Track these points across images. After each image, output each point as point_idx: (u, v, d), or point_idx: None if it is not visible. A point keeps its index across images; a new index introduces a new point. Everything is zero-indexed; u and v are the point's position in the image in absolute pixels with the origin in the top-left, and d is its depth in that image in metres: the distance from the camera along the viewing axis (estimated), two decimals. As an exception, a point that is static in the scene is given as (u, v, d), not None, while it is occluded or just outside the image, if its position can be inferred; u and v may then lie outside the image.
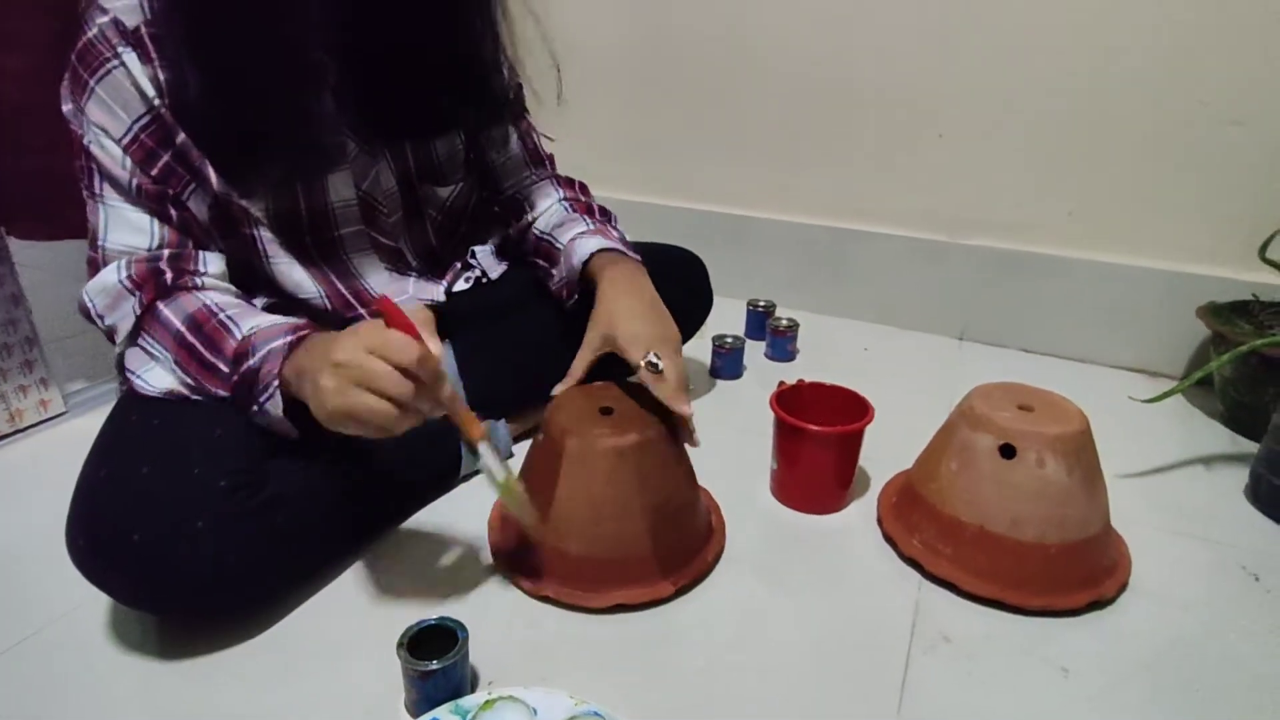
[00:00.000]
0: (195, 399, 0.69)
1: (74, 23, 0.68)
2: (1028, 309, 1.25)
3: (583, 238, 0.87)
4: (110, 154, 0.68)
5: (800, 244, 1.37)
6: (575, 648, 0.65)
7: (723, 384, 1.14)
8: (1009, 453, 0.70)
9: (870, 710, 0.60)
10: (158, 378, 0.69)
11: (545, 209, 0.96)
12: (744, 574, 0.74)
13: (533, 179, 0.97)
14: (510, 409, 0.92)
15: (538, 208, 0.96)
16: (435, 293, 0.88)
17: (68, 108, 0.69)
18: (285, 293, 0.79)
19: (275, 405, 0.63)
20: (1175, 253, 1.14)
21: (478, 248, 0.98)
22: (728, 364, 1.15)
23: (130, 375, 0.70)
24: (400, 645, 0.57)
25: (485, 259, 0.97)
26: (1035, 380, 0.78)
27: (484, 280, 0.96)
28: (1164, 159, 1.11)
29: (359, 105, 0.77)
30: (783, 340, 1.21)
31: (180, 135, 0.69)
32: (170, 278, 0.69)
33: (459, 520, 0.80)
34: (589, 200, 0.98)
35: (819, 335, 1.28)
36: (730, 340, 1.15)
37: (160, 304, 0.69)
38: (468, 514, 0.81)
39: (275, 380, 0.62)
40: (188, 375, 0.68)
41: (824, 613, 0.69)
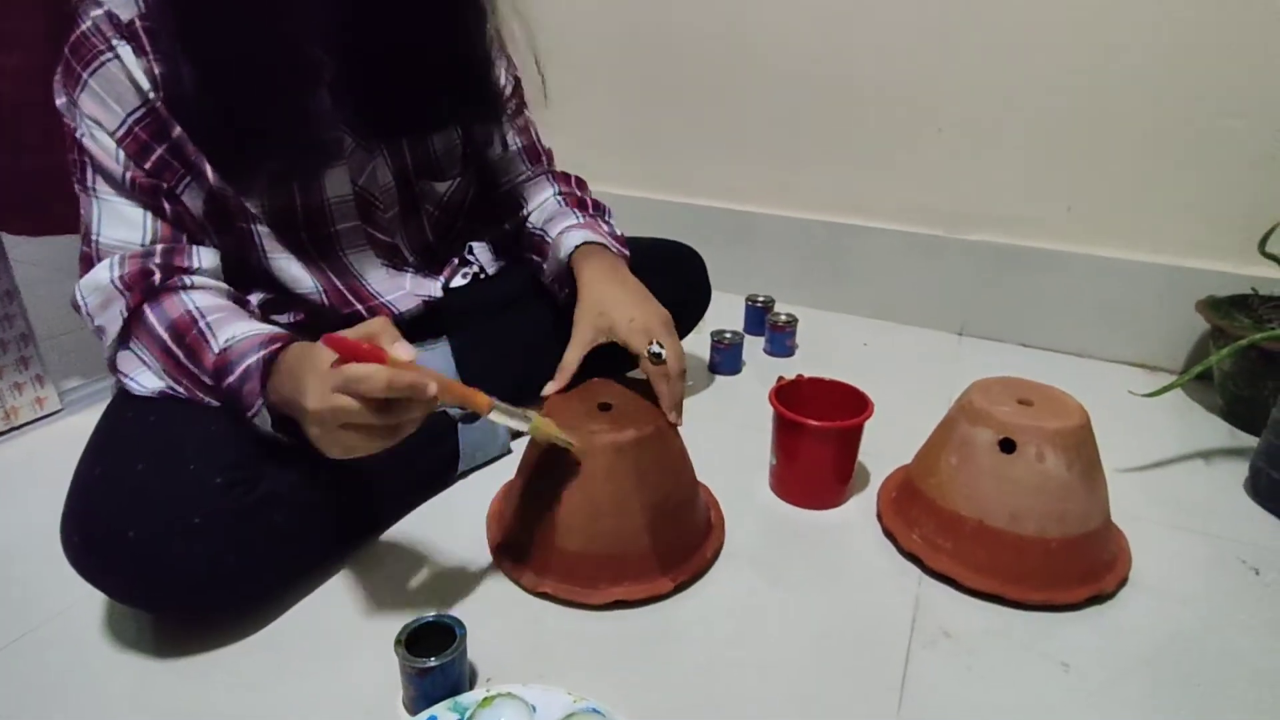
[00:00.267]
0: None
1: (68, 18, 0.67)
2: (1027, 304, 1.25)
3: (570, 231, 0.87)
4: (103, 147, 0.67)
5: (799, 239, 1.37)
6: (574, 644, 0.65)
7: (721, 379, 1.14)
8: (1009, 447, 0.70)
9: (870, 706, 0.60)
10: (149, 379, 0.69)
11: (540, 204, 0.96)
12: (743, 570, 0.74)
13: (530, 174, 0.97)
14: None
15: (533, 203, 0.96)
16: (432, 288, 0.88)
17: (61, 101, 0.69)
18: (282, 288, 0.79)
19: (264, 421, 0.62)
20: (1174, 247, 1.14)
21: (475, 244, 0.97)
22: (726, 359, 1.15)
23: (123, 377, 0.70)
24: (398, 642, 0.56)
25: (483, 255, 0.97)
26: (1034, 375, 0.77)
27: (482, 276, 0.96)
28: (1163, 153, 1.10)
29: (356, 101, 0.76)
30: (781, 336, 1.21)
31: (176, 129, 0.68)
32: (159, 278, 0.68)
33: (457, 517, 0.80)
34: (584, 195, 0.98)
35: (818, 331, 1.28)
36: (729, 335, 1.14)
37: (146, 308, 0.68)
38: (466, 510, 0.80)
39: (259, 400, 0.61)
40: (176, 383, 0.68)
41: (823, 608, 0.69)
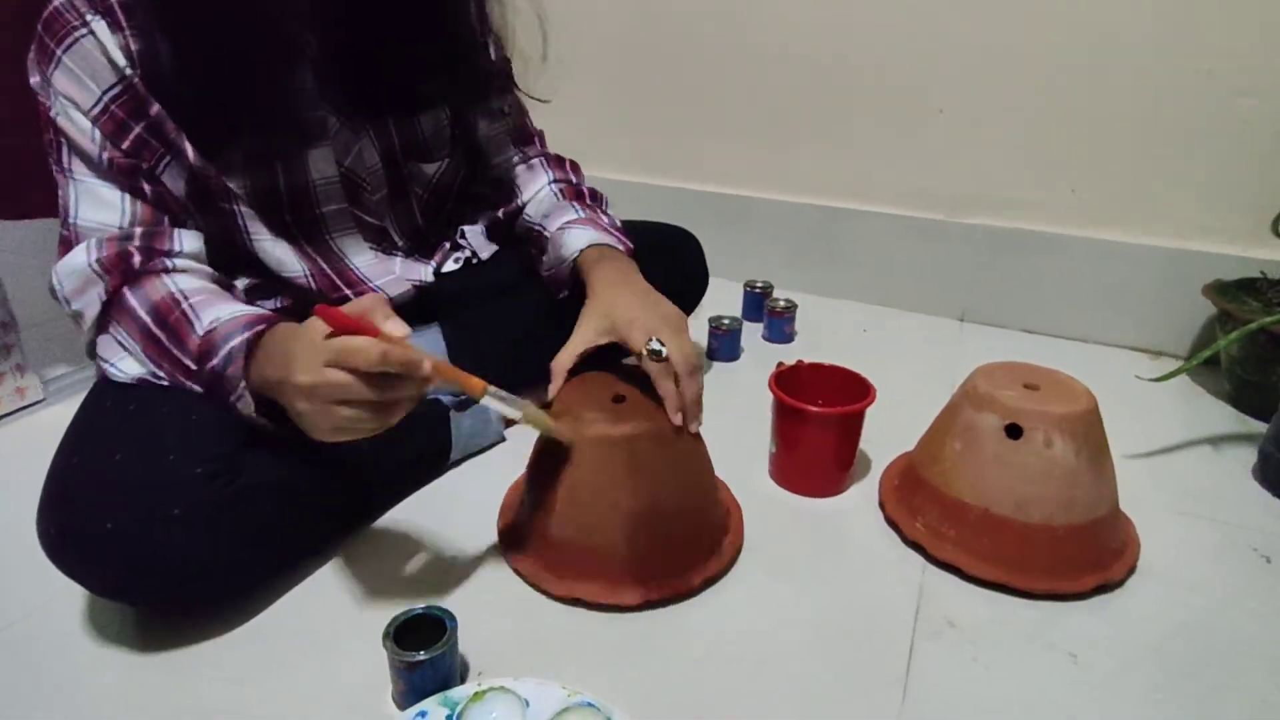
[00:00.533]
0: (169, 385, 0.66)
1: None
2: (1030, 288, 1.23)
3: (572, 228, 0.85)
4: (79, 126, 0.65)
5: (798, 224, 1.35)
6: (569, 637, 0.63)
7: (719, 366, 1.12)
8: (1015, 433, 0.68)
9: (873, 698, 0.58)
10: (130, 365, 0.67)
11: (535, 193, 0.94)
12: (743, 559, 0.72)
13: (521, 158, 0.95)
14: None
15: (527, 191, 0.94)
16: (424, 273, 0.86)
17: (35, 80, 0.67)
18: (269, 272, 0.77)
19: (247, 406, 0.61)
20: (1181, 229, 1.12)
21: (467, 228, 0.95)
22: (725, 346, 1.13)
23: (103, 363, 0.68)
24: (386, 636, 0.55)
25: (475, 239, 0.95)
26: (1038, 361, 0.76)
27: (474, 261, 0.93)
28: (1170, 133, 1.08)
29: (340, 79, 0.74)
30: (780, 321, 1.19)
31: (154, 106, 0.66)
32: (139, 261, 0.66)
33: (450, 506, 0.78)
34: (579, 183, 0.96)
35: (817, 317, 1.27)
36: (727, 322, 1.13)
37: (126, 291, 0.66)
38: (459, 499, 0.79)
39: (242, 382, 0.60)
40: (158, 368, 0.66)
41: (825, 599, 0.68)
